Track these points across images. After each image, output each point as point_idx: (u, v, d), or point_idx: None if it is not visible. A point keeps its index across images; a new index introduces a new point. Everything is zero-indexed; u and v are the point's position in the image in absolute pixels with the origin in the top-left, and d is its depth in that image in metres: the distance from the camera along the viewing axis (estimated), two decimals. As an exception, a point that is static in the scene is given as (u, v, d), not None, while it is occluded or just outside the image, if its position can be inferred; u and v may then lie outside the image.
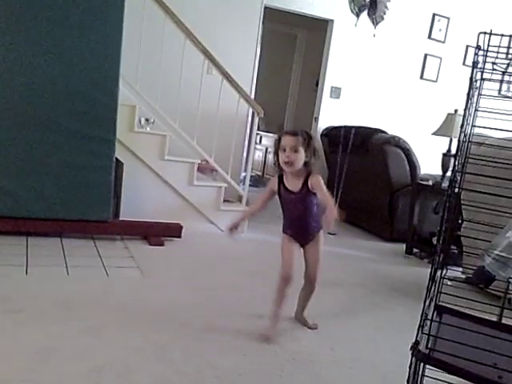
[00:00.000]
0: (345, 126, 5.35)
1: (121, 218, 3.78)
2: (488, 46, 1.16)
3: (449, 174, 4.22)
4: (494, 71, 1.29)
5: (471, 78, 1.23)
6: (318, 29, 6.03)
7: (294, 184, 2.34)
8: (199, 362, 1.99)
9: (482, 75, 1.22)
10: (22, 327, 2.10)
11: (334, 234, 4.92)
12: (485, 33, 1.14)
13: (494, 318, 1.90)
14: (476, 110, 1.20)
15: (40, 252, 3.12)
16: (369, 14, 5.70)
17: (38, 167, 3.34)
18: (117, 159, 3.61)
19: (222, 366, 1.99)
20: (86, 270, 2.95)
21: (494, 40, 1.19)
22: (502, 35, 1.15)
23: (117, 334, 2.16)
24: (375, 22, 5.71)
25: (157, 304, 2.56)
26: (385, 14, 5.70)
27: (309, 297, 2.56)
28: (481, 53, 1.19)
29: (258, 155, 8.13)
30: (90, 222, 3.50)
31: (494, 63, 1.21)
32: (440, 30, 6.19)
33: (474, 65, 1.21)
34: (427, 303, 1.37)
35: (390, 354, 2.32)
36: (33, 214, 3.36)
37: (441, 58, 6.27)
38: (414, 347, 1.27)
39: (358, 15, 5.57)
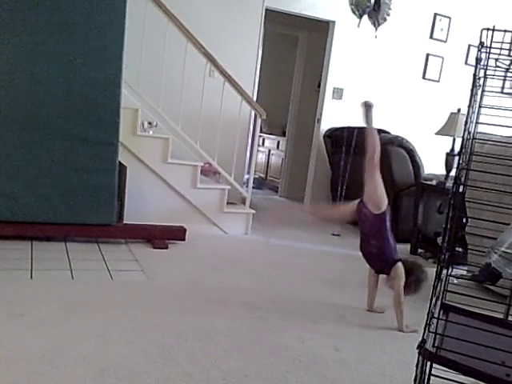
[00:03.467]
0: (347, 127, 5.34)
1: (124, 222, 3.78)
2: (491, 42, 1.15)
3: (452, 173, 4.21)
4: (498, 68, 1.28)
5: (474, 75, 1.22)
6: (320, 30, 6.03)
7: None
8: (205, 364, 1.99)
9: (485, 72, 1.22)
10: (28, 331, 2.10)
11: (338, 235, 4.92)
12: (488, 29, 1.14)
13: (500, 317, 1.89)
14: (480, 107, 1.20)
15: (44, 256, 3.13)
16: (370, 16, 5.69)
17: (41, 171, 3.34)
18: (120, 163, 3.61)
19: (227, 367, 1.98)
20: (91, 273, 2.95)
21: (497, 36, 1.18)
22: (505, 31, 1.15)
23: (121, 336, 2.16)
24: (377, 24, 5.69)
25: (161, 307, 2.56)
26: (388, 15, 5.69)
27: None
28: (484, 49, 1.18)
29: (261, 157, 8.13)
30: (93, 226, 3.51)
31: (497, 60, 1.21)
32: (442, 29, 6.18)
33: (477, 61, 1.21)
34: (433, 302, 1.37)
35: (396, 353, 2.31)
36: (37, 219, 3.36)
37: (443, 58, 6.26)
38: (421, 346, 1.27)
39: (360, 16, 5.56)
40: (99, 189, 3.48)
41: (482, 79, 1.33)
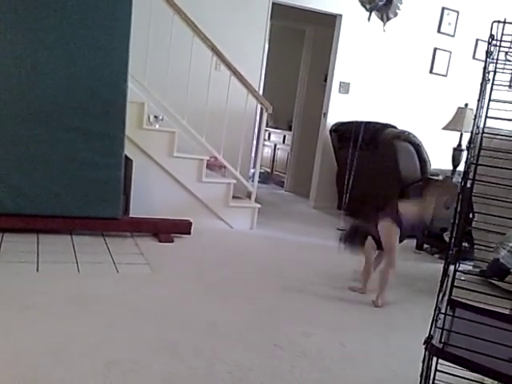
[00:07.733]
0: (354, 122, 5.32)
1: (130, 215, 3.79)
2: (502, 35, 1.14)
3: (459, 168, 4.19)
4: (508, 62, 1.26)
5: (484, 68, 1.21)
6: (327, 24, 5.99)
7: None
8: (210, 358, 1.99)
9: (495, 65, 1.20)
10: (34, 324, 2.11)
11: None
12: (498, 21, 1.12)
13: (508, 313, 1.87)
14: (490, 101, 1.18)
15: (51, 249, 3.14)
16: (378, 10, 5.64)
17: (47, 165, 3.35)
18: (126, 156, 3.61)
19: (232, 361, 1.98)
20: (97, 266, 2.96)
21: (508, 29, 1.17)
22: (517, 24, 1.13)
23: (127, 330, 2.17)
24: (386, 19, 5.64)
25: (167, 300, 2.56)
26: (399, 10, 5.64)
27: None
28: (494, 42, 1.17)
29: (267, 152, 8.12)
30: (99, 219, 3.51)
31: (506, 53, 1.19)
32: (449, 23, 6.13)
33: (488, 54, 1.19)
34: (440, 297, 1.36)
35: (401, 349, 2.30)
36: (43, 212, 3.37)
37: (450, 52, 6.21)
38: (428, 341, 1.26)
39: (371, 10, 5.51)
40: (105, 182, 3.48)
41: (491, 73, 1.32)
